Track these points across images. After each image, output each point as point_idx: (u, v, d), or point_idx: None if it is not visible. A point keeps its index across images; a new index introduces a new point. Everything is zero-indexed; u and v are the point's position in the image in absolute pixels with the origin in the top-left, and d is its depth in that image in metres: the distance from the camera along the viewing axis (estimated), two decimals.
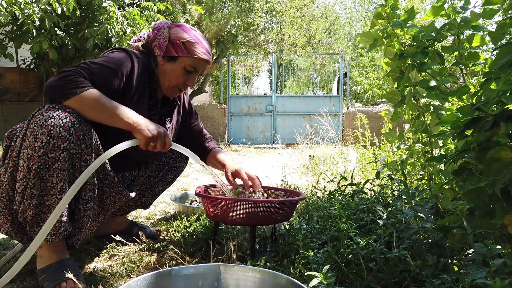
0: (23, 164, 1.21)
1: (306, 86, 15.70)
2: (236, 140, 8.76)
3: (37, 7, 4.75)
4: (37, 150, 1.19)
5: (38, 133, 1.19)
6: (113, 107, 1.30)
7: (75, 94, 1.24)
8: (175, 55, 1.52)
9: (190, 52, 1.52)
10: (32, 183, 1.20)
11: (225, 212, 1.51)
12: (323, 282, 1.01)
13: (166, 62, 1.54)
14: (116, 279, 1.37)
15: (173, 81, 1.56)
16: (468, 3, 1.63)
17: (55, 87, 1.24)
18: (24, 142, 1.22)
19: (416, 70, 1.68)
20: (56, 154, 1.20)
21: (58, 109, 1.23)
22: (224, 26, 7.65)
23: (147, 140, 1.32)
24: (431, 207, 1.33)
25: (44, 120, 1.20)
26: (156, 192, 1.80)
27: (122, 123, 1.31)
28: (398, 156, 2.47)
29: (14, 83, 7.54)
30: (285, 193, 1.83)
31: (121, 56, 1.43)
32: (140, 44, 1.61)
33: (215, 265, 1.12)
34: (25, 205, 1.22)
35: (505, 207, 0.99)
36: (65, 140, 1.21)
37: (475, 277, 0.90)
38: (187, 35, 1.53)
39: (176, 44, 1.52)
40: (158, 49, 1.53)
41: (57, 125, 1.20)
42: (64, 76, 1.25)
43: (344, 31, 17.63)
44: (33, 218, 1.23)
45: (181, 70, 1.54)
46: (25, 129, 1.24)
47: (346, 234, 1.34)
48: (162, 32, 1.53)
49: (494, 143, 1.03)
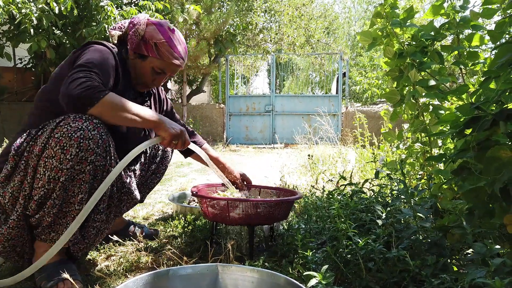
0: (44, 173, 1.19)
1: (305, 85, 15.70)
2: (234, 140, 8.75)
3: (34, 7, 4.74)
4: (65, 163, 1.18)
5: (67, 145, 1.18)
6: (135, 108, 1.28)
7: (99, 99, 1.21)
8: (145, 54, 1.48)
9: (160, 55, 1.48)
10: (56, 194, 1.21)
11: (224, 212, 1.51)
12: (321, 282, 1.01)
13: (135, 58, 1.51)
14: (113, 279, 1.36)
15: (140, 78, 1.53)
16: (467, 2, 1.62)
17: (76, 95, 1.19)
18: (47, 150, 1.19)
19: (415, 69, 1.68)
20: (82, 166, 1.21)
21: (85, 120, 1.21)
22: (222, 26, 7.64)
23: (172, 137, 1.34)
24: (430, 206, 1.33)
25: (73, 131, 1.18)
26: (152, 186, 1.81)
27: (146, 123, 1.31)
28: (397, 156, 2.46)
29: (11, 83, 7.52)
30: (277, 191, 1.83)
31: (105, 52, 1.40)
32: (118, 34, 1.56)
33: (213, 265, 1.12)
34: (45, 212, 1.22)
35: (504, 207, 0.99)
36: (92, 153, 1.21)
37: (474, 277, 0.89)
38: (161, 36, 1.47)
39: (148, 43, 1.47)
40: (130, 43, 1.50)
41: (86, 138, 1.19)
42: (82, 82, 1.20)
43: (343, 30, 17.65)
44: (49, 223, 1.25)
45: (149, 69, 1.50)
46: (46, 137, 1.20)
47: (345, 234, 1.33)
48: (137, 28, 1.48)
49: (493, 142, 1.03)
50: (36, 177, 1.21)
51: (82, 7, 5.51)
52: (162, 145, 1.38)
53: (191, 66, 8.15)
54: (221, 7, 8.27)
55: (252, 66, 12.19)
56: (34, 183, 1.21)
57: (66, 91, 1.20)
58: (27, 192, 1.22)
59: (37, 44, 5.16)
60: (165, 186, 3.36)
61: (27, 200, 1.23)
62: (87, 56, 1.33)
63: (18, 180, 1.23)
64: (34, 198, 1.22)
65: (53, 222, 1.25)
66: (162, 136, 1.34)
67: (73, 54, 1.40)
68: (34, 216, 1.24)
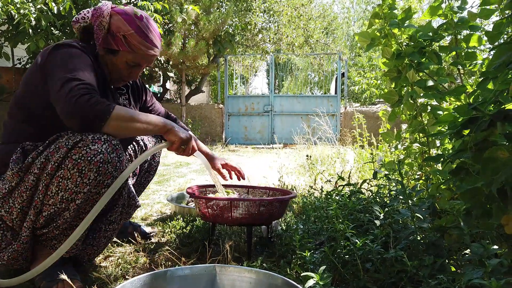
0: (57, 192, 1.17)
1: (304, 86, 15.71)
2: (233, 140, 8.75)
3: (33, 7, 4.73)
4: (82, 187, 1.17)
5: (85, 169, 1.15)
6: (142, 116, 1.24)
7: (110, 114, 1.15)
8: (115, 49, 1.36)
9: (132, 47, 1.35)
10: (70, 214, 1.20)
11: (221, 213, 1.51)
12: (319, 283, 1.01)
13: (106, 54, 1.39)
14: (111, 280, 1.36)
15: (115, 74, 1.43)
16: (465, 3, 1.63)
17: (87, 115, 1.13)
18: (62, 170, 1.16)
19: (413, 70, 1.68)
20: (98, 189, 1.20)
21: (104, 142, 1.17)
22: (221, 26, 7.64)
23: (181, 142, 1.30)
24: (428, 207, 1.33)
25: (93, 155, 1.15)
26: (146, 184, 1.79)
27: (156, 129, 1.26)
28: (396, 156, 2.47)
29: (10, 83, 7.51)
30: (266, 191, 1.84)
31: (83, 56, 1.30)
32: (82, 25, 1.41)
33: (211, 266, 1.12)
34: (54, 227, 1.22)
35: (502, 207, 0.99)
36: (110, 176, 1.20)
37: (471, 277, 0.89)
38: (129, 27, 1.34)
39: (116, 36, 1.35)
40: (96, 38, 1.37)
41: (105, 162, 1.17)
42: (87, 100, 1.13)
43: (342, 30, 17.66)
44: (55, 235, 1.25)
45: (123, 64, 1.39)
46: (61, 156, 1.16)
47: (343, 235, 1.33)
48: (100, 21, 1.35)
49: (491, 143, 1.03)
50: (47, 194, 1.18)
51: (80, 7, 5.51)
52: (170, 150, 1.33)
53: (190, 66, 8.15)
54: (220, 7, 8.27)
55: (251, 66, 12.20)
56: (45, 199, 1.19)
57: (72, 112, 1.13)
58: (39, 209, 1.20)
59: (36, 44, 5.15)
60: (163, 187, 3.35)
61: (37, 215, 1.21)
62: (67, 64, 1.23)
63: (27, 196, 1.20)
64: (43, 213, 1.20)
65: (60, 233, 1.25)
66: (172, 141, 1.30)
67: (42, 57, 1.29)
68: (41, 230, 1.23)
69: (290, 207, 2.32)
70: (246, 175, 1.92)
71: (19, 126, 1.33)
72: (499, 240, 1.12)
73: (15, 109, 1.34)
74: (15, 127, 1.33)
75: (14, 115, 1.34)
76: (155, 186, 3.35)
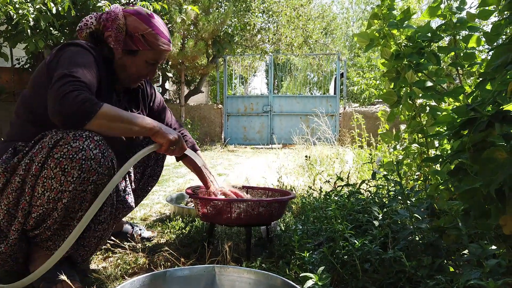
0: (43, 192, 1.16)
1: (303, 86, 15.72)
2: (232, 141, 8.75)
3: (31, 7, 4.72)
4: (66, 185, 1.16)
5: (68, 167, 1.14)
6: (130, 117, 1.23)
7: (95, 112, 1.14)
8: (134, 49, 1.40)
9: (152, 45, 1.40)
10: (58, 214, 1.20)
11: (220, 213, 1.51)
12: (318, 283, 1.01)
13: (124, 56, 1.41)
14: (110, 281, 1.36)
15: (134, 74, 1.46)
16: (464, 3, 1.63)
17: (71, 112, 1.12)
18: (45, 170, 1.15)
19: (412, 70, 1.68)
20: (84, 186, 1.19)
21: (86, 139, 1.16)
22: (220, 26, 7.64)
23: (170, 143, 1.30)
24: (426, 207, 1.33)
25: (75, 153, 1.14)
26: (149, 189, 1.78)
27: (143, 131, 1.26)
28: (395, 157, 2.47)
29: (9, 83, 7.50)
30: (265, 191, 1.85)
31: (86, 55, 1.31)
32: (88, 32, 1.43)
33: (210, 267, 1.12)
34: (45, 228, 1.22)
35: (500, 208, 0.99)
36: (95, 173, 1.19)
37: (469, 278, 0.90)
38: (146, 26, 1.39)
39: (134, 36, 1.39)
40: (115, 42, 1.39)
41: (88, 158, 1.16)
42: (75, 97, 1.12)
43: (341, 31, 17.68)
44: (48, 236, 1.25)
45: (142, 63, 1.43)
46: (43, 156, 1.15)
47: (341, 235, 1.33)
48: (118, 24, 1.38)
49: (489, 143, 1.03)
50: (34, 195, 1.18)
51: (79, 7, 5.51)
52: (159, 152, 1.34)
53: (189, 67, 8.15)
54: (219, 7, 8.27)
55: (250, 66, 12.20)
56: (32, 200, 1.19)
57: (58, 108, 1.12)
58: (26, 211, 1.20)
59: (35, 45, 5.15)
60: (162, 187, 3.35)
61: (26, 217, 1.21)
62: (68, 62, 1.23)
63: (13, 197, 1.20)
64: (32, 215, 1.20)
65: (53, 234, 1.25)
66: (160, 143, 1.30)
67: (50, 56, 1.32)
68: (33, 231, 1.23)
69: (289, 208, 2.32)
70: (245, 176, 1.91)
71: (24, 126, 1.33)
72: (497, 240, 1.12)
73: (21, 108, 1.35)
74: (21, 126, 1.34)
75: (21, 114, 1.35)
76: (154, 187, 3.35)
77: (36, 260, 1.29)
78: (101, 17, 1.42)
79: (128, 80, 1.48)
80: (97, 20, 1.42)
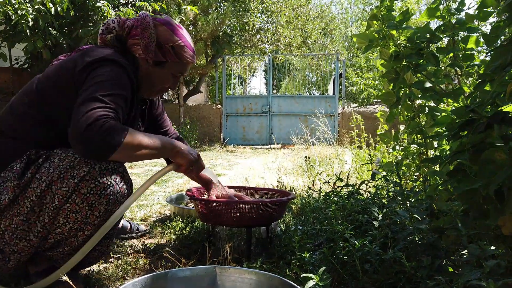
0: (65, 224, 1.14)
1: (302, 86, 15.72)
2: (231, 141, 8.75)
3: (30, 7, 4.72)
4: (92, 219, 1.15)
5: (95, 203, 1.13)
6: (150, 141, 1.17)
7: (120, 144, 1.07)
8: (163, 60, 1.34)
9: (180, 58, 1.35)
10: (78, 243, 1.19)
11: (220, 214, 1.51)
12: (318, 284, 1.02)
13: (151, 67, 1.35)
14: (111, 282, 1.36)
15: (158, 86, 1.41)
16: (463, 4, 1.64)
17: (97, 144, 1.04)
18: (69, 204, 1.12)
19: (411, 71, 1.69)
20: (107, 217, 1.17)
21: (112, 173, 1.14)
22: (219, 26, 7.64)
23: (190, 163, 1.28)
24: (426, 208, 1.34)
25: (103, 189, 1.12)
26: None
27: (165, 153, 1.25)
28: (394, 157, 2.48)
29: (7, 83, 7.48)
30: (265, 192, 1.86)
31: (123, 76, 1.21)
32: (111, 37, 1.34)
33: (211, 267, 1.12)
34: (59, 252, 1.21)
35: (499, 208, 1.00)
36: (118, 205, 1.18)
37: (469, 278, 0.90)
38: (177, 38, 1.34)
39: (164, 47, 1.33)
40: (144, 52, 1.31)
41: (115, 193, 1.15)
42: (101, 125, 1.04)
43: (340, 31, 17.69)
44: (60, 258, 1.24)
45: (169, 75, 1.38)
46: (69, 190, 1.11)
47: (341, 236, 1.34)
48: (149, 33, 1.30)
49: (488, 144, 1.04)
50: (54, 224, 1.15)
51: (78, 7, 5.50)
52: (178, 172, 1.31)
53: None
54: (218, 8, 8.26)
55: (249, 66, 12.21)
56: (51, 228, 1.16)
57: (84, 137, 1.03)
58: (43, 237, 1.17)
59: (33, 45, 5.14)
60: (162, 187, 3.35)
61: (41, 241, 1.18)
62: (101, 82, 1.14)
63: (19, 220, 1.13)
64: (48, 240, 1.18)
65: (64, 256, 1.24)
66: (180, 164, 1.27)
67: (81, 63, 1.20)
68: (45, 252, 1.22)
69: (289, 208, 2.33)
70: (245, 176, 1.92)
71: (24, 121, 1.23)
72: (496, 241, 1.13)
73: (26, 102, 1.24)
74: (21, 122, 1.23)
75: (23, 109, 1.24)
76: (154, 187, 3.35)
77: (40, 264, 1.28)
78: (126, 23, 1.34)
79: (150, 91, 1.42)
80: (120, 26, 1.34)
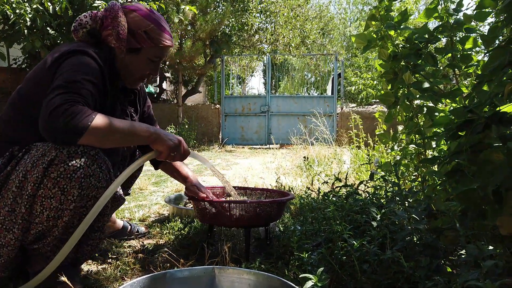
0: (42, 211, 1.13)
1: (301, 86, 15.74)
2: (230, 141, 8.75)
3: (28, 7, 4.70)
4: (67, 204, 1.13)
5: (67, 187, 1.11)
6: (125, 126, 1.17)
7: (87, 127, 1.07)
8: (138, 47, 1.33)
9: (155, 42, 1.34)
10: (59, 231, 1.18)
11: (219, 214, 1.51)
12: (317, 284, 1.02)
13: (127, 55, 1.35)
14: (110, 282, 1.36)
15: (137, 74, 1.40)
16: (461, 5, 1.64)
17: (62, 128, 1.06)
18: (42, 190, 1.12)
19: (409, 71, 1.69)
20: (84, 202, 1.16)
21: (82, 155, 1.12)
22: (218, 26, 7.64)
23: (170, 150, 1.25)
24: (424, 208, 1.34)
25: (73, 171, 1.11)
26: (135, 178, 1.77)
27: (141, 139, 1.22)
28: (392, 157, 2.48)
29: (5, 83, 7.46)
30: (263, 192, 1.86)
31: (90, 63, 1.22)
32: (85, 31, 1.34)
33: (210, 268, 1.12)
34: (44, 244, 1.20)
35: (497, 209, 1.00)
36: (94, 189, 1.16)
37: (467, 279, 0.90)
38: (148, 22, 1.32)
39: (136, 33, 1.32)
40: (117, 41, 1.31)
41: (87, 175, 1.13)
42: (64, 110, 1.05)
43: (339, 31, 17.69)
44: (48, 251, 1.22)
45: (146, 61, 1.37)
46: (39, 176, 1.11)
47: (340, 236, 1.34)
48: (119, 21, 1.29)
49: (486, 145, 1.04)
50: (32, 213, 1.15)
51: (76, 7, 5.49)
52: (159, 159, 1.28)
53: (187, 67, 8.14)
54: (217, 7, 8.26)
55: (247, 66, 12.20)
56: (31, 218, 1.15)
57: (49, 124, 1.06)
58: (24, 227, 1.16)
59: (32, 44, 5.13)
60: (160, 188, 3.35)
61: (24, 233, 1.17)
62: (67, 71, 1.17)
63: (5, 212, 1.15)
64: (31, 231, 1.17)
65: (52, 249, 1.23)
66: (159, 150, 1.25)
67: (52, 59, 1.23)
68: (32, 245, 1.21)
69: (287, 208, 2.33)
70: (243, 176, 1.92)
71: (16, 124, 1.26)
72: (494, 241, 1.13)
73: (21, 109, 1.27)
74: (13, 125, 1.27)
75: (21, 113, 1.27)
76: (153, 187, 3.35)
77: (35, 263, 1.27)
78: (97, 15, 1.35)
79: (131, 80, 1.42)
80: (92, 19, 1.34)
